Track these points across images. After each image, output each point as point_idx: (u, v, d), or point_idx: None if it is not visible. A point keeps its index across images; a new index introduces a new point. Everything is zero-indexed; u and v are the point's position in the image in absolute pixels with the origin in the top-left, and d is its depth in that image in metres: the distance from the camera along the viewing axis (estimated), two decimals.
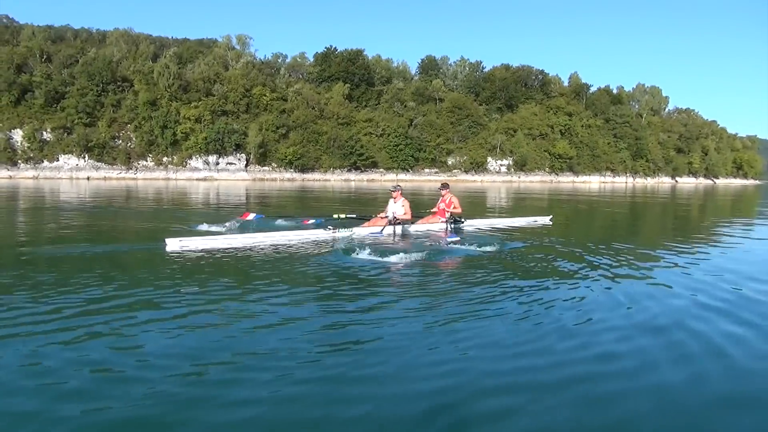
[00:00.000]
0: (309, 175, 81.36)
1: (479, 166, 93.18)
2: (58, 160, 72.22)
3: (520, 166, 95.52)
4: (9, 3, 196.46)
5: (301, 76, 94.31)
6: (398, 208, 11.37)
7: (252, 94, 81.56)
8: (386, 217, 11.29)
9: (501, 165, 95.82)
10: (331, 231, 10.66)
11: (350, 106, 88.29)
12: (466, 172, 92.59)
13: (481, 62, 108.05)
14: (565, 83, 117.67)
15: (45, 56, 77.00)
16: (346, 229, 10.90)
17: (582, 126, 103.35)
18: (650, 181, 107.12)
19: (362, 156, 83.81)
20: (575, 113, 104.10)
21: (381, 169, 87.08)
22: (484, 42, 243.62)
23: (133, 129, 75.22)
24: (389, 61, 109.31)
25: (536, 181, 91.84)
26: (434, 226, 12.17)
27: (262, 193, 38.35)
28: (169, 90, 76.29)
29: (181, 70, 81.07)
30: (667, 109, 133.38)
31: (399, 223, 11.14)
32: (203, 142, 74.85)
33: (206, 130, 75.44)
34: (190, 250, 9.14)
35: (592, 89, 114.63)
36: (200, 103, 77.26)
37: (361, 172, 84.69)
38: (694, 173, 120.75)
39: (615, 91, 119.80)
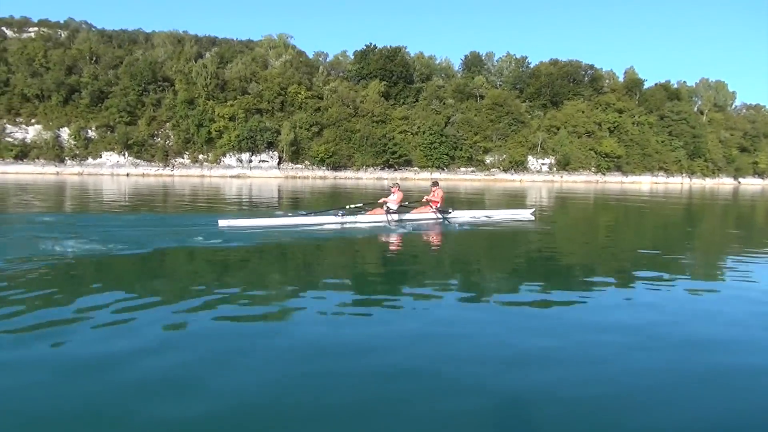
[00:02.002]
0: (341, 173, 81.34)
1: (519, 165, 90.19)
2: (100, 157, 75.64)
3: (563, 165, 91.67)
4: (80, 9, 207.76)
5: (339, 74, 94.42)
6: (394, 199, 14.36)
7: (287, 92, 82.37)
8: (386, 206, 14.14)
9: (542, 164, 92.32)
10: (342, 216, 13.28)
11: (386, 103, 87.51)
12: (505, 171, 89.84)
13: (526, 58, 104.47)
14: (621, 78, 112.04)
15: (94, 58, 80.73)
16: (354, 216, 13.58)
17: (633, 123, 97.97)
18: (709, 182, 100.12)
19: (395, 154, 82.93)
20: (626, 110, 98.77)
21: (415, 168, 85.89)
22: (532, 37, 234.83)
23: (171, 127, 77.69)
24: (432, 58, 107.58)
25: (580, 181, 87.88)
26: (424, 214, 15.04)
27: (294, 192, 38.32)
28: (206, 89, 78.25)
29: (220, 69, 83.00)
30: (733, 105, 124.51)
31: (394, 212, 14.08)
32: (236, 140, 76.27)
33: (239, 128, 76.82)
34: (235, 228, 12.01)
35: (649, 85, 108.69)
36: (235, 101, 78.79)
37: (395, 170, 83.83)
38: (759, 174, 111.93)
39: (675, 87, 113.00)
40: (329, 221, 13.22)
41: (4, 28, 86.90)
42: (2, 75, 74.48)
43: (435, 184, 15.59)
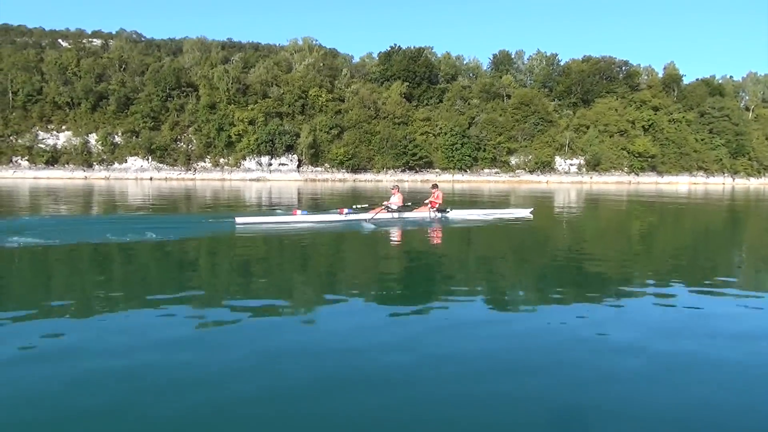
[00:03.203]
0: (361, 176, 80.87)
1: (545, 166, 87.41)
2: (126, 161, 77.75)
3: (593, 165, 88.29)
4: (130, 20, 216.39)
5: (363, 77, 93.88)
6: (395, 200, 15.70)
7: (308, 95, 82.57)
8: (386, 206, 15.61)
9: (570, 165, 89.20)
10: (349, 214, 14.64)
11: (407, 105, 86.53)
12: (531, 172, 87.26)
13: (556, 55, 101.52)
14: (660, 74, 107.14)
15: (123, 66, 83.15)
16: (360, 214, 14.90)
17: (669, 121, 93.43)
18: (754, 182, 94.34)
19: (415, 156, 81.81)
20: (662, 107, 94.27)
21: (437, 169, 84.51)
22: (566, 34, 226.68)
23: (193, 132, 79.12)
24: (460, 58, 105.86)
25: (611, 182, 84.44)
26: (425, 213, 16.20)
27: (314, 194, 38.61)
28: (227, 93, 79.34)
29: (242, 74, 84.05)
30: None
31: (395, 210, 15.44)
32: (255, 143, 76.95)
33: (258, 131, 77.47)
34: (251, 225, 13.57)
35: (690, 80, 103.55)
36: (255, 105, 79.54)
37: (416, 172, 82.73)
38: None
39: (720, 82, 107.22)
40: (336, 219, 14.66)
41: (60, 40, 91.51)
42: (36, 84, 77.60)
43: (434, 186, 17.01)
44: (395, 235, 13.15)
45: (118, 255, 9.77)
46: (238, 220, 13.73)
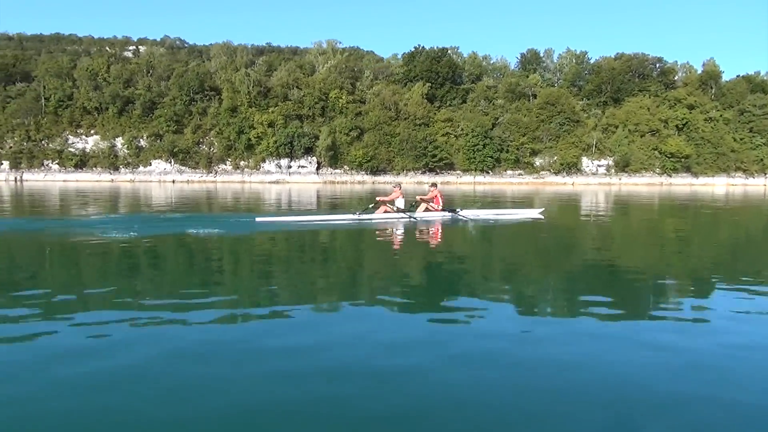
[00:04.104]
0: (380, 178, 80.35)
1: (571, 167, 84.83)
2: (150, 164, 79.61)
3: (622, 166, 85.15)
4: (175, 27, 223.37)
5: (386, 78, 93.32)
6: (400, 200, 15.52)
7: (329, 97, 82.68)
8: (391, 205, 15.52)
9: (598, 166, 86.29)
10: (359, 214, 14.81)
11: (429, 106, 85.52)
12: (556, 173, 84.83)
13: (586, 53, 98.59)
14: (699, 71, 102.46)
15: (150, 71, 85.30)
16: (369, 213, 15.12)
17: (705, 120, 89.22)
18: None
19: (436, 157, 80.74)
20: (698, 105, 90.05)
21: (458, 171, 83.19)
22: (596, 30, 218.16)
23: (215, 135, 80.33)
24: (487, 57, 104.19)
25: (642, 184, 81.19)
26: (431, 212, 15.85)
27: (333, 195, 38.52)
28: (248, 97, 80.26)
29: (266, 77, 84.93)
30: None
31: (400, 210, 15.35)
32: (274, 145, 77.49)
33: (278, 133, 78.00)
34: (271, 222, 14.33)
35: (729, 77, 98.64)
36: (276, 108, 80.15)
37: (436, 174, 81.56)
38: None
39: (764, 78, 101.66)
40: (348, 219, 14.99)
41: (107, 48, 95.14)
42: (68, 90, 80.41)
43: (434, 185, 16.79)
44: (402, 235, 12.96)
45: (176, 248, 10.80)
46: (258, 219, 14.54)
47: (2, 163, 77.02)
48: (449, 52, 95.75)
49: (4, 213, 19.70)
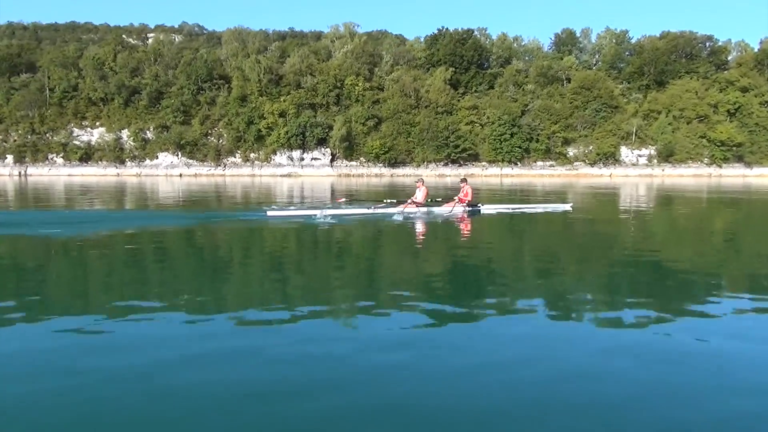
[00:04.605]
0: (399, 170, 74.88)
1: (609, 158, 77.63)
2: (157, 158, 75.85)
3: (665, 156, 77.55)
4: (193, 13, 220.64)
5: (408, 63, 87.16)
6: (420, 194, 15.48)
7: (344, 85, 77.37)
8: (413, 201, 15.46)
9: (639, 156, 78.81)
10: (376, 208, 15.11)
11: (452, 92, 79.25)
12: (592, 164, 77.79)
13: (627, 32, 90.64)
14: (756, 49, 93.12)
15: (157, 59, 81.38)
16: (388, 208, 15.14)
17: (761, 104, 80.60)
18: None
19: (458, 148, 74.67)
20: (753, 87, 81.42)
21: (483, 162, 76.98)
22: (638, 7, 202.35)
23: (224, 125, 75.99)
24: (518, 39, 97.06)
25: (688, 175, 73.74)
26: (454, 208, 15.59)
27: (348, 191, 34.35)
28: (259, 85, 75.58)
29: (278, 63, 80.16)
30: None
31: (423, 205, 15.37)
32: (284, 136, 72.67)
33: (289, 124, 73.15)
34: (283, 217, 14.35)
35: None
36: (288, 96, 75.23)
37: (460, 165, 75.59)
38: None
39: None
40: (364, 212, 14.98)
41: (124, 36, 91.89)
42: (73, 80, 77.12)
43: (464, 180, 16.46)
44: (422, 229, 12.82)
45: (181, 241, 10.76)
46: (269, 213, 14.50)
47: (6, 158, 74.24)
48: (476, 33, 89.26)
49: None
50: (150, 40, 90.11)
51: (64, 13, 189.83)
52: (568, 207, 16.77)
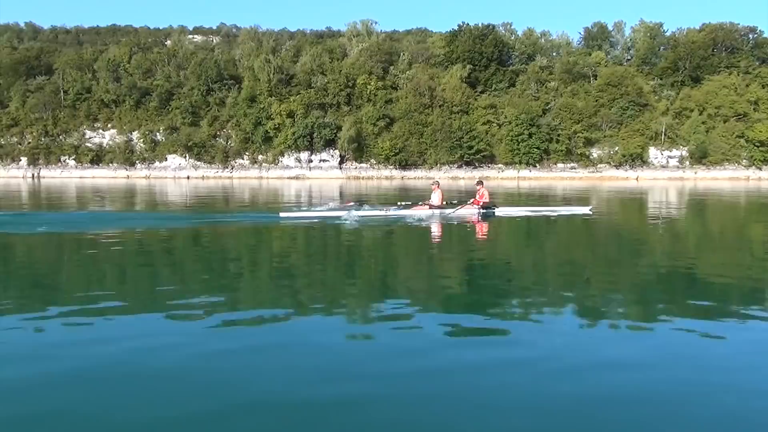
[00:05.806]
0: (410, 173, 71.96)
1: (636, 159, 72.67)
2: (166, 160, 75.21)
3: (698, 158, 72.09)
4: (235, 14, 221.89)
5: (426, 61, 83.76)
6: (435, 197, 15.90)
7: (356, 84, 74.90)
8: (428, 203, 15.89)
9: (669, 157, 73.48)
10: (390, 210, 15.44)
11: (469, 91, 75.63)
12: (617, 166, 73.00)
13: (661, 24, 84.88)
14: None
15: (170, 60, 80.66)
16: (401, 210, 15.44)
17: None
18: None
19: (472, 149, 71.14)
20: None
21: (499, 165, 73.21)
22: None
23: (232, 127, 74.72)
24: (545, 34, 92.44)
25: (723, 179, 68.31)
26: (468, 210, 15.76)
27: (358, 193, 33.21)
28: (268, 85, 73.95)
29: (291, 62, 78.41)
30: None
31: (437, 207, 15.60)
32: (292, 137, 70.77)
33: (297, 125, 71.19)
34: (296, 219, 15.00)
35: None
36: (297, 97, 73.28)
37: (474, 168, 72.06)
38: None
39: None
40: (378, 215, 15.16)
41: (162, 38, 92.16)
42: (86, 82, 77.30)
43: (480, 183, 16.60)
44: (438, 233, 12.97)
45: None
46: (282, 215, 14.95)
47: (21, 160, 74.96)
48: (500, 28, 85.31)
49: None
50: (168, 42, 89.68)
51: (104, 17, 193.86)
52: (587, 210, 16.53)
